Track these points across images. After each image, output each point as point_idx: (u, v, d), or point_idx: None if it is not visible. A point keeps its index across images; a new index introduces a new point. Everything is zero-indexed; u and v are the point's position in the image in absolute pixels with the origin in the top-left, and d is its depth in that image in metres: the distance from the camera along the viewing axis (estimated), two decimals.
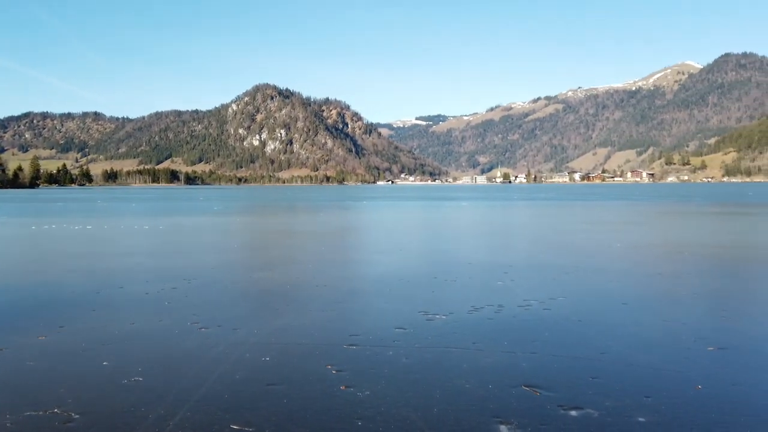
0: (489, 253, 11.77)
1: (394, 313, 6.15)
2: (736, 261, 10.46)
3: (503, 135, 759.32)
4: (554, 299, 6.82)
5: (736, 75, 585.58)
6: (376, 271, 9.34)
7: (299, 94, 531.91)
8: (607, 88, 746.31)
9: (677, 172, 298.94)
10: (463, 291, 7.44)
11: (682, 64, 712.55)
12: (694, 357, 4.60)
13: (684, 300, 6.84)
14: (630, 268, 9.44)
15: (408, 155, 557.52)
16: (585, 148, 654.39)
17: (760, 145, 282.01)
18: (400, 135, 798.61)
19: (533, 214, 28.08)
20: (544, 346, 4.89)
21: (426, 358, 4.58)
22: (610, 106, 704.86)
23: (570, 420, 3.38)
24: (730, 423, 3.34)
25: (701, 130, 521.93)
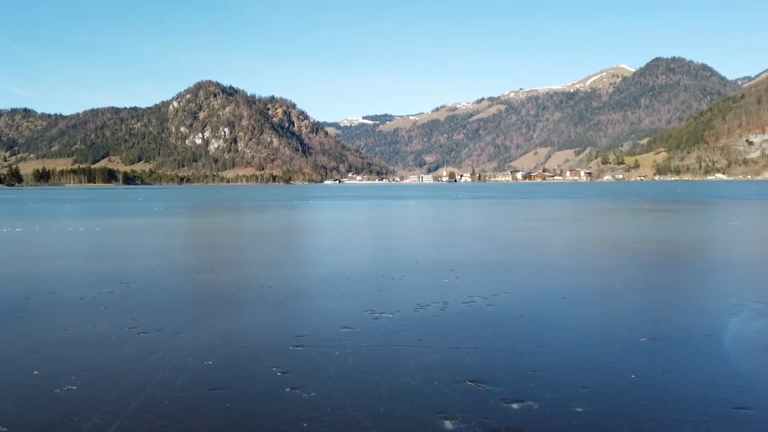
0: (435, 251, 11.92)
1: (340, 313, 6.13)
2: (666, 255, 11.02)
3: (449, 135, 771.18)
4: (497, 295, 6.98)
5: (666, 78, 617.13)
6: (322, 271, 9.29)
7: (243, 92, 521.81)
8: (547, 90, 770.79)
9: (613, 171, 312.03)
10: (410, 289, 7.50)
11: (616, 68, 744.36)
12: (627, 348, 4.81)
13: (618, 293, 7.15)
14: (569, 264, 9.78)
15: (355, 154, 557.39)
16: (526, 148, 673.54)
17: (688, 145, 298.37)
18: (348, 134, 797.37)
19: (478, 212, 28.65)
20: (488, 342, 5.00)
21: (372, 357, 4.59)
22: (549, 107, 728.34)
23: (512, 413, 3.47)
24: (661, 410, 3.51)
25: (634, 131, 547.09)
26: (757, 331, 5.28)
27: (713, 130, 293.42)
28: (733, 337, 5.08)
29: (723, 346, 4.82)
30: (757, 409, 3.50)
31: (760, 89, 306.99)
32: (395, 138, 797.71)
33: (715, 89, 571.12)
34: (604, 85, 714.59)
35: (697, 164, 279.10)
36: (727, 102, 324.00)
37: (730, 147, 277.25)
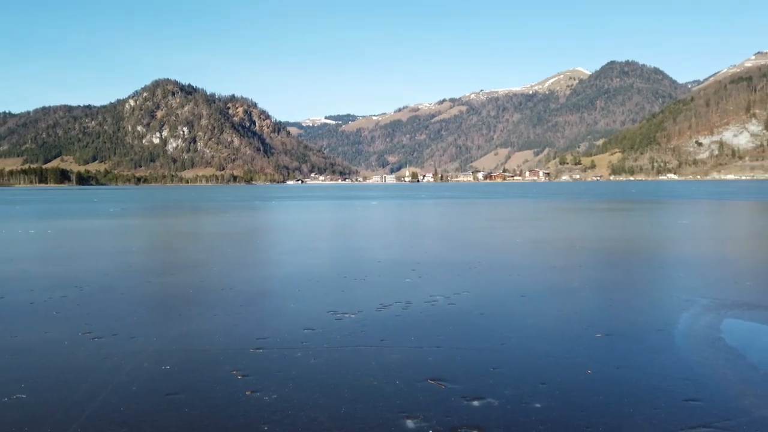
0: (398, 251, 11.96)
1: (302, 314, 6.08)
2: (620, 253, 11.36)
3: (411, 135, 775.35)
4: (459, 294, 7.05)
5: (620, 81, 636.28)
6: (284, 272, 9.20)
7: (203, 91, 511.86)
8: (506, 92, 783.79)
9: (570, 171, 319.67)
10: (372, 289, 7.50)
11: (573, 70, 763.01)
12: (584, 344, 4.94)
13: (575, 291, 7.33)
14: (528, 263, 9.97)
15: (318, 154, 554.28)
16: (487, 149, 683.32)
17: (641, 146, 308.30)
18: (310, 134, 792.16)
19: (440, 212, 28.90)
20: (449, 340, 5.04)
21: (335, 358, 4.57)
22: (509, 109, 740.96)
23: (472, 410, 3.51)
24: (616, 403, 3.62)
25: (590, 132, 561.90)
26: (705, 325, 5.50)
27: (665, 132, 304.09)
28: (683, 332, 5.27)
29: (674, 341, 4.99)
30: (706, 400, 3.64)
31: (708, 92, 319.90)
32: (358, 138, 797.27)
33: (667, 92, 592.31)
34: (562, 87, 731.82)
35: (650, 164, 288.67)
36: (677, 105, 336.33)
37: (681, 148, 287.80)
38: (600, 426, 3.29)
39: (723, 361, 4.42)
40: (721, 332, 5.24)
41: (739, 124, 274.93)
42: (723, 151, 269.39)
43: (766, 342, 5.01)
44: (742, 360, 4.46)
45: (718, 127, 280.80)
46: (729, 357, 4.53)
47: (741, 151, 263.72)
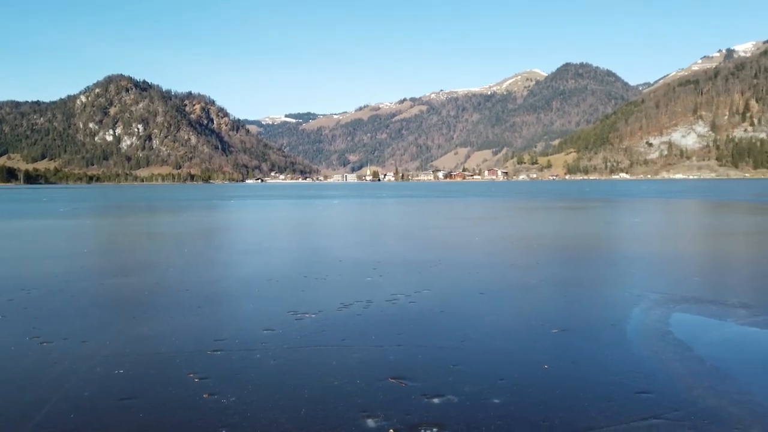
0: (359, 250, 11.95)
1: (262, 315, 6.00)
2: (575, 251, 11.65)
3: (372, 134, 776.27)
4: (419, 292, 7.09)
5: (575, 83, 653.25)
6: (243, 272, 9.06)
7: (158, 87, 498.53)
8: (466, 92, 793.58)
9: (527, 171, 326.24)
10: (333, 288, 7.47)
11: (530, 72, 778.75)
12: (541, 340, 5.04)
13: (533, 288, 7.48)
14: (487, 261, 10.12)
15: (278, 153, 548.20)
16: (447, 148, 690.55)
17: (595, 146, 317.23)
18: (270, 132, 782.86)
19: (401, 211, 29.02)
20: (410, 338, 5.07)
21: (295, 359, 4.53)
22: (469, 109, 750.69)
23: (433, 407, 3.54)
24: (571, 397, 3.71)
25: (547, 133, 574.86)
26: (656, 320, 5.69)
27: (617, 133, 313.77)
28: (635, 327, 5.45)
29: (626, 335, 5.15)
30: (656, 393, 3.77)
31: (658, 95, 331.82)
32: (319, 137, 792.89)
33: (619, 94, 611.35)
34: (519, 88, 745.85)
35: (604, 164, 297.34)
36: (629, 106, 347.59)
37: (632, 148, 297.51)
38: (556, 420, 3.36)
39: (672, 355, 4.59)
40: (670, 326, 5.44)
41: (686, 125, 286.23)
42: (672, 151, 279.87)
43: (712, 335, 5.23)
44: (689, 353, 4.64)
45: (667, 129, 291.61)
46: (678, 350, 4.71)
47: (688, 152, 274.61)
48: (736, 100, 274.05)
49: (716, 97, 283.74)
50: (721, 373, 4.14)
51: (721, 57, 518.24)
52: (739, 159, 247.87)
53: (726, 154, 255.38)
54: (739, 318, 5.75)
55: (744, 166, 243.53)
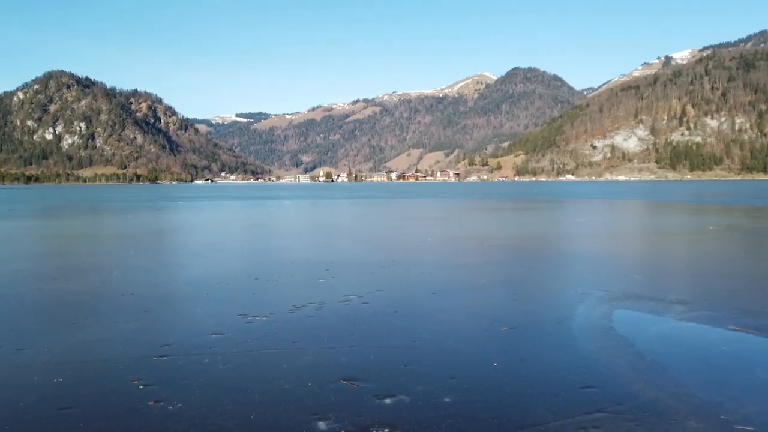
0: (312, 251, 11.86)
1: (210, 318, 5.87)
2: (524, 250, 11.94)
3: (325, 135, 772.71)
4: (372, 293, 7.10)
5: (523, 87, 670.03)
6: (191, 275, 8.83)
7: (102, 84, 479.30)
8: (418, 94, 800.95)
9: (478, 172, 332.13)
10: (285, 290, 7.38)
11: (480, 75, 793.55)
12: (491, 338, 5.14)
13: (483, 287, 7.61)
14: (439, 261, 10.23)
15: (229, 153, 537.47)
16: (400, 149, 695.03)
17: (542, 148, 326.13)
18: (220, 132, 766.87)
19: (354, 212, 28.99)
20: (362, 339, 5.06)
21: (245, 363, 4.45)
22: (421, 111, 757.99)
23: (384, 408, 3.54)
24: (520, 394, 3.79)
25: (497, 135, 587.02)
26: (599, 316, 5.90)
27: (563, 135, 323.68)
28: (580, 324, 5.62)
29: (572, 332, 5.32)
30: (600, 387, 3.91)
31: (601, 99, 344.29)
32: (271, 137, 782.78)
33: (565, 98, 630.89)
34: (470, 91, 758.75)
35: (551, 166, 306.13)
36: (575, 110, 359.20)
37: (578, 151, 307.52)
38: (505, 417, 3.43)
39: (614, 350, 4.76)
40: (613, 323, 5.64)
41: (628, 129, 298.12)
42: (615, 153, 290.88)
43: (652, 331, 5.45)
44: (631, 348, 4.82)
45: (610, 132, 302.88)
46: (620, 346, 4.89)
47: (630, 154, 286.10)
48: (674, 105, 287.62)
49: (655, 102, 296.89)
50: (659, 367, 4.32)
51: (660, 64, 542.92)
52: (676, 161, 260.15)
53: (665, 157, 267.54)
54: (677, 314, 6.02)
55: (681, 168, 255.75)
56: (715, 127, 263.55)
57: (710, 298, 6.81)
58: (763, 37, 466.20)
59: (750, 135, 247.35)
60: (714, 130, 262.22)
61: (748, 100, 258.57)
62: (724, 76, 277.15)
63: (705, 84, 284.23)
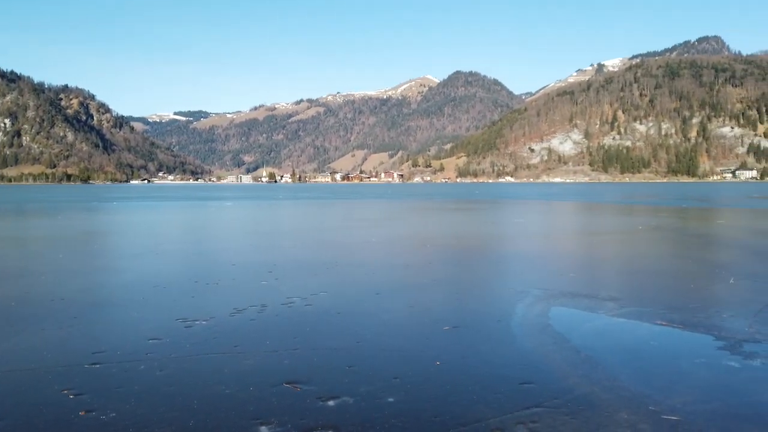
0: (254, 253, 11.65)
1: (147, 323, 5.66)
2: (465, 250, 12.18)
3: (268, 135, 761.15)
4: (316, 294, 7.05)
5: (465, 90, 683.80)
6: (126, 279, 8.49)
7: (29, 79, 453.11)
8: (362, 95, 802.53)
9: (422, 173, 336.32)
10: (226, 293, 7.22)
11: (423, 78, 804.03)
12: (433, 337, 5.21)
13: (426, 287, 7.71)
14: (383, 261, 10.28)
15: (166, 152, 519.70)
16: (345, 150, 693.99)
17: (483, 150, 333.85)
18: (157, 130, 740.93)
19: (298, 212, 28.71)
20: (306, 341, 5.02)
21: (183, 368, 4.32)
22: (365, 112, 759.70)
23: (328, 410, 3.53)
24: (462, 392, 3.86)
25: (439, 137, 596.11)
26: (537, 314, 6.09)
27: (503, 138, 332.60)
28: (519, 321, 5.79)
29: (511, 330, 5.47)
30: (538, 383, 4.04)
31: (539, 104, 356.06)
32: (211, 136, 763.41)
33: (505, 102, 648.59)
34: (413, 94, 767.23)
35: (491, 168, 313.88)
36: (513, 114, 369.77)
37: (517, 153, 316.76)
38: (447, 414, 3.49)
39: (552, 346, 4.93)
40: (550, 320, 5.84)
41: (564, 133, 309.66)
42: (551, 156, 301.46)
43: (586, 327, 5.68)
44: (567, 344, 5.01)
45: (547, 135, 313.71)
46: (556, 342, 5.07)
47: (566, 157, 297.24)
48: (606, 110, 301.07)
49: (589, 108, 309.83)
50: (593, 362, 4.51)
51: (593, 71, 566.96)
52: (608, 164, 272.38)
53: (597, 160, 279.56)
54: (609, 310, 6.30)
55: (613, 171, 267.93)
56: (644, 131, 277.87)
57: (639, 295, 7.17)
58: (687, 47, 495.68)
59: (675, 140, 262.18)
60: (642, 135, 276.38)
61: (673, 106, 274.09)
62: (651, 84, 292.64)
63: (634, 91, 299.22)
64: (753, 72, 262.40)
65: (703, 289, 7.62)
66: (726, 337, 5.20)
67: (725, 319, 5.84)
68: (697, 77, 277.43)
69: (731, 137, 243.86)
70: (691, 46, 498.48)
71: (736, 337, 5.20)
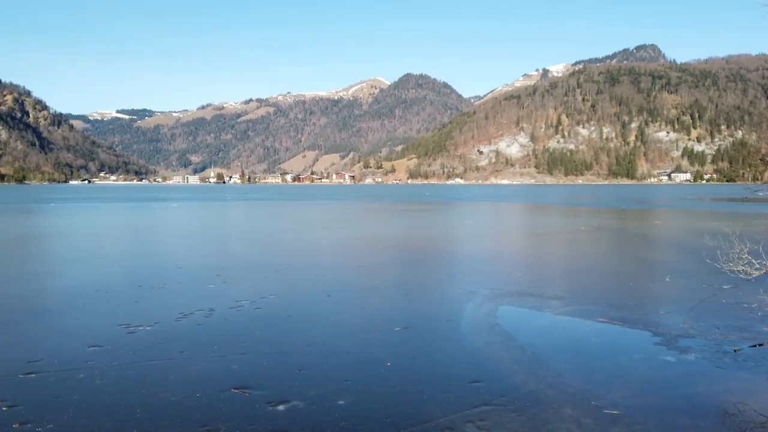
0: (201, 256, 11.37)
1: (87, 330, 5.43)
2: (416, 251, 12.28)
3: (216, 134, 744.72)
4: (266, 298, 6.95)
5: (415, 93, 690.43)
6: (65, 284, 8.12)
7: None
8: (313, 96, 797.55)
9: (373, 175, 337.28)
10: (172, 298, 7.02)
11: (374, 80, 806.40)
12: (384, 338, 5.22)
13: (377, 288, 7.73)
14: (335, 263, 10.24)
15: (109, 152, 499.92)
16: (295, 151, 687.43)
17: (433, 152, 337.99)
18: (99, 129, 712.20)
19: (248, 214, 28.21)
20: (255, 346, 4.94)
21: (126, 376, 4.17)
22: (316, 113, 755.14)
23: (277, 415, 3.48)
24: (412, 392, 3.89)
25: (391, 139, 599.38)
26: (486, 313, 6.21)
27: (453, 141, 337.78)
28: (468, 321, 5.89)
29: (460, 329, 5.55)
30: (486, 381, 4.11)
31: (487, 107, 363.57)
32: (156, 135, 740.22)
33: (454, 105, 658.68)
34: (365, 95, 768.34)
35: (441, 170, 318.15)
36: (463, 117, 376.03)
37: (466, 155, 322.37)
38: (397, 415, 3.51)
39: (499, 345, 5.04)
40: (498, 319, 5.97)
41: (511, 136, 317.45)
42: (499, 158, 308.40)
43: (532, 325, 5.84)
44: (513, 342, 5.13)
45: (495, 138, 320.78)
46: (504, 341, 5.18)
47: (513, 160, 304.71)
48: (551, 114, 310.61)
49: (535, 112, 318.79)
50: (539, 359, 4.64)
51: (538, 76, 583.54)
52: (553, 167, 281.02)
53: (543, 163, 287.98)
54: (554, 308, 6.50)
55: (557, 173, 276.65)
56: (586, 135, 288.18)
57: (582, 294, 7.43)
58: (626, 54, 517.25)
59: (615, 143, 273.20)
60: (585, 139, 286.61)
61: (613, 111, 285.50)
62: (593, 89, 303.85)
63: (577, 96, 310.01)
64: (687, 79, 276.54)
65: (641, 287, 7.96)
66: (662, 333, 5.45)
67: (662, 316, 6.13)
68: (636, 84, 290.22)
69: (667, 141, 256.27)
70: (629, 54, 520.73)
71: (671, 332, 5.46)
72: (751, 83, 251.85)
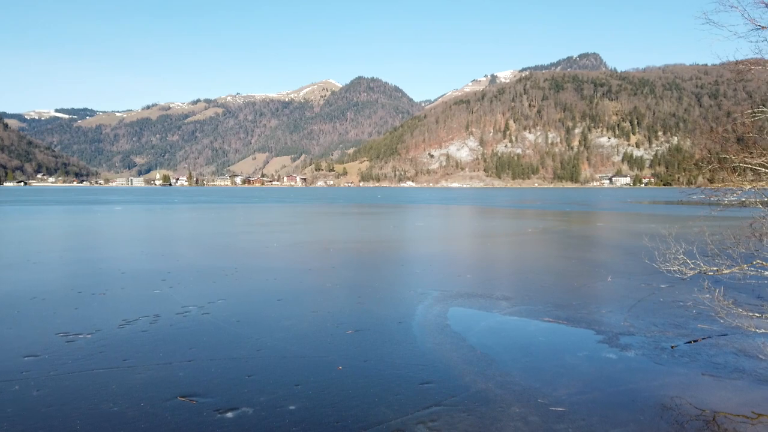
0: (146, 261, 11.01)
1: (22, 340, 5.17)
2: (368, 254, 12.29)
3: (162, 135, 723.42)
4: (214, 302, 6.80)
5: (367, 96, 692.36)
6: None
7: None
8: (263, 97, 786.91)
9: (325, 177, 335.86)
10: (114, 304, 6.76)
11: (325, 82, 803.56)
12: (336, 342, 5.20)
13: (328, 291, 7.69)
14: (285, 266, 10.12)
15: (46, 152, 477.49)
16: (245, 153, 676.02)
17: (385, 155, 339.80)
18: (36, 128, 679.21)
19: (195, 217, 27.52)
20: (202, 352, 4.82)
21: (65, 387, 3.99)
22: (267, 114, 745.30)
23: (226, 422, 3.41)
24: (363, 395, 3.89)
25: (342, 141, 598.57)
26: (436, 315, 6.28)
27: (404, 144, 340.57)
28: (419, 322, 5.94)
29: (412, 331, 5.59)
30: (437, 382, 4.16)
31: (437, 111, 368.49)
32: (98, 136, 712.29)
33: (405, 109, 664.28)
34: (316, 97, 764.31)
35: (393, 173, 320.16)
36: (414, 120, 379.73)
37: (417, 159, 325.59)
38: (349, 419, 3.50)
39: (449, 346, 5.10)
40: (448, 320, 6.05)
41: (461, 140, 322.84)
42: (449, 162, 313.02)
43: (482, 325, 5.94)
44: (463, 343, 5.21)
45: (445, 142, 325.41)
46: (454, 341, 5.25)
47: (463, 163, 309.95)
48: (499, 119, 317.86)
49: (483, 116, 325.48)
50: (488, 359, 4.73)
51: (487, 81, 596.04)
52: (501, 171, 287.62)
53: (491, 166, 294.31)
54: (502, 309, 6.64)
55: (505, 176, 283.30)
56: (533, 140, 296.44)
57: (529, 294, 7.62)
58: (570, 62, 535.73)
59: (560, 148, 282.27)
60: (532, 143, 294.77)
61: (558, 117, 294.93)
62: (539, 96, 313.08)
63: (524, 101, 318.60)
64: (627, 87, 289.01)
65: (584, 287, 8.24)
66: (604, 331, 5.66)
67: (604, 315, 6.36)
68: (579, 90, 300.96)
69: (608, 147, 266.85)
70: (573, 62, 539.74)
71: (613, 330, 5.67)
72: (685, 91, 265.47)
